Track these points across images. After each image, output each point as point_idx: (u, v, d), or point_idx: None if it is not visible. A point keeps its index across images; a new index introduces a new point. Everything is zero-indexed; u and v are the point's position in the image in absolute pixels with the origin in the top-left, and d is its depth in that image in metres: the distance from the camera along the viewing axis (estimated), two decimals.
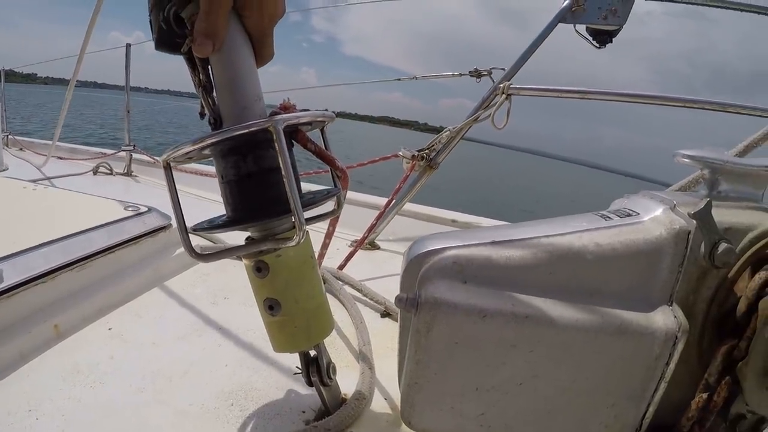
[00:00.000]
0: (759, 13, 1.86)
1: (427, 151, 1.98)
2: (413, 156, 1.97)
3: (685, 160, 0.88)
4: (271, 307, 0.84)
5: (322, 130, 0.88)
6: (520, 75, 1.95)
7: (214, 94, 0.79)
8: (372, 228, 2.01)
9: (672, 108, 1.76)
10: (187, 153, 0.77)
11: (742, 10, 1.89)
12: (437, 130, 2.04)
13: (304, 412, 1.01)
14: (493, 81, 2.01)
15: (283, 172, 0.69)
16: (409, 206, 2.24)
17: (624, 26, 1.90)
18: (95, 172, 3.36)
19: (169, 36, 0.76)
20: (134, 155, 3.52)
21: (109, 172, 3.37)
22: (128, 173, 3.43)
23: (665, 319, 0.75)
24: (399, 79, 3.13)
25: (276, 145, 0.69)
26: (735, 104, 1.65)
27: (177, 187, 0.79)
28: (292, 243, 0.75)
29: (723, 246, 0.75)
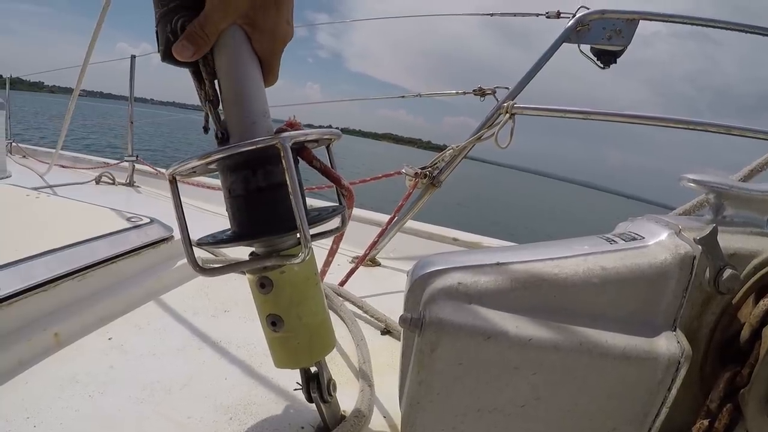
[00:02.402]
0: (763, 35, 1.87)
1: (430, 169, 1.99)
2: (416, 173, 1.97)
3: (691, 184, 0.87)
4: (273, 323, 0.84)
5: (328, 148, 0.88)
6: (523, 94, 1.95)
7: (220, 108, 0.79)
8: (374, 245, 2.01)
9: (675, 129, 1.77)
10: (194, 167, 0.77)
11: (746, 32, 1.90)
12: (440, 148, 2.04)
13: (303, 428, 1.00)
14: (497, 100, 2.01)
15: (290, 189, 0.69)
16: (410, 223, 2.24)
17: (628, 47, 1.91)
18: (98, 181, 3.37)
19: None
20: (137, 166, 3.53)
21: (111, 182, 3.38)
22: (130, 183, 3.44)
23: (668, 344, 0.74)
24: (403, 96, 3.14)
25: (283, 161, 0.69)
26: (740, 127, 1.65)
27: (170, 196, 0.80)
28: (297, 260, 0.75)
29: (728, 272, 0.75)
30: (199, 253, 1.75)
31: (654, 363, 0.74)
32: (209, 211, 2.74)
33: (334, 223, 0.89)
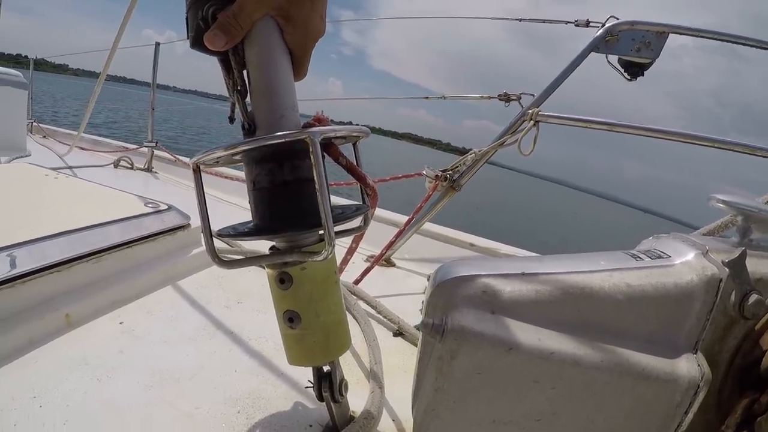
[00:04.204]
0: None
1: (450, 171, 1.98)
2: (437, 176, 1.97)
3: (720, 204, 0.86)
4: (291, 319, 0.83)
5: (354, 145, 0.87)
6: (547, 102, 1.95)
7: (248, 99, 0.78)
8: (390, 245, 2.01)
9: (697, 146, 1.76)
10: (219, 157, 0.76)
11: None
12: (459, 151, 2.04)
13: (311, 426, 1.00)
14: (522, 106, 2.01)
15: (317, 185, 0.68)
16: (427, 226, 2.24)
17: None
18: (116, 165, 3.39)
19: None
20: (156, 152, 3.54)
21: (129, 166, 3.40)
22: (148, 169, 3.46)
23: (689, 367, 0.73)
24: (427, 98, 3.13)
25: (312, 156, 0.68)
26: (764, 147, 1.64)
27: (192, 185, 0.79)
28: (320, 257, 0.74)
29: (754, 297, 0.74)
30: (216, 243, 1.75)
31: (674, 385, 0.73)
32: (225, 200, 2.74)
33: (355, 221, 0.88)
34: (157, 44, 3.61)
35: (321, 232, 0.74)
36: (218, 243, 1.78)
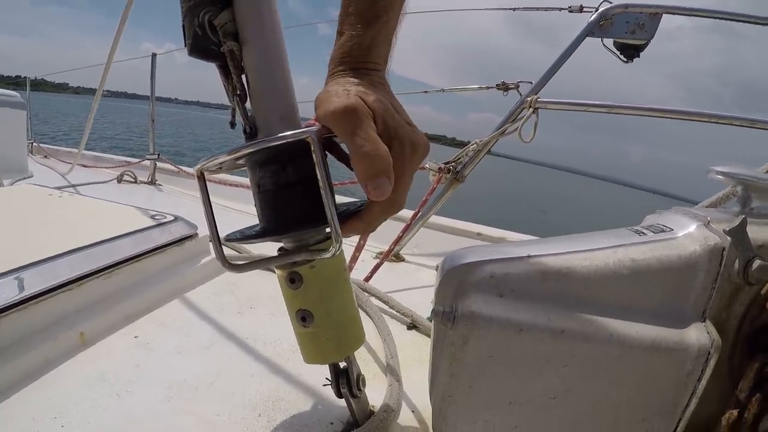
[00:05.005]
0: None
1: (453, 163, 1.99)
2: (440, 168, 1.98)
3: (719, 176, 0.88)
4: (303, 318, 0.84)
5: None
6: (547, 89, 1.95)
7: (248, 103, 0.79)
8: (398, 240, 2.02)
9: (698, 124, 1.76)
10: (222, 162, 0.77)
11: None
12: (465, 144, 2.04)
13: (332, 423, 1.01)
14: (521, 94, 2.02)
15: (320, 183, 0.69)
16: (434, 219, 2.24)
17: (651, 41, 1.90)
18: (119, 180, 3.39)
19: (204, 42, 0.75)
20: (158, 164, 3.55)
21: (133, 180, 3.40)
22: (152, 182, 3.47)
23: (698, 335, 0.75)
24: (426, 92, 3.15)
25: (313, 155, 0.69)
26: (764, 120, 1.64)
27: (196, 194, 0.80)
28: (328, 255, 0.75)
29: (757, 263, 0.75)
30: (225, 250, 1.76)
31: (684, 354, 0.74)
32: (229, 207, 2.75)
33: None
34: (154, 55, 3.62)
35: (328, 230, 0.75)
36: (227, 250, 1.79)
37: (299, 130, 0.70)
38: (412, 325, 1.46)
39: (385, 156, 0.68)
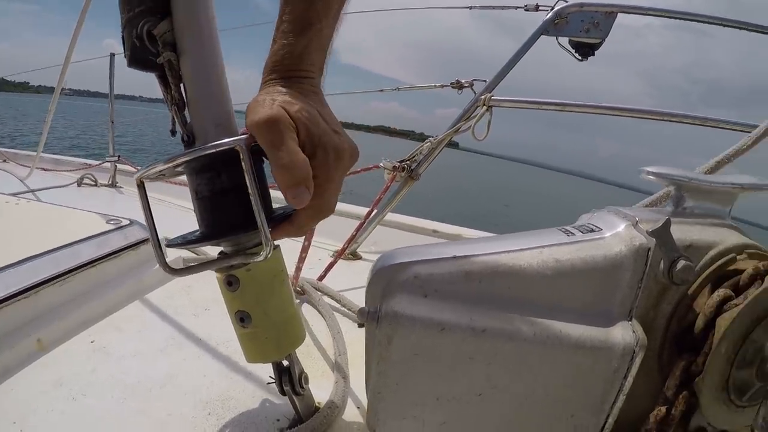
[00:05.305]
0: (755, 31, 1.89)
1: (408, 162, 2.00)
2: (394, 167, 1.99)
3: (651, 177, 0.89)
4: (242, 319, 0.87)
5: None
6: (512, 87, 1.97)
7: (186, 111, 0.82)
8: (352, 239, 2.03)
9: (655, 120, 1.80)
10: (160, 171, 0.79)
11: (725, 26, 1.93)
12: None
13: (278, 420, 1.04)
14: (474, 93, 2.04)
15: (249, 191, 0.72)
16: (391, 216, 2.26)
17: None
18: (80, 183, 3.35)
19: (143, 53, 0.78)
20: (119, 166, 3.53)
21: (93, 183, 3.36)
22: (113, 184, 3.43)
23: (624, 333, 0.77)
24: (381, 90, 3.16)
25: (242, 164, 0.72)
26: (713, 119, 1.69)
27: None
28: (260, 258, 0.78)
29: (681, 263, 0.77)
30: (183, 252, 1.79)
31: (609, 352, 0.77)
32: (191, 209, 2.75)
33: None
34: (112, 55, 3.57)
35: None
36: (186, 252, 1.80)
37: (229, 140, 0.73)
38: (363, 323, 1.48)
39: (302, 166, 0.71)
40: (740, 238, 0.85)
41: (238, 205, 0.78)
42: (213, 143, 0.73)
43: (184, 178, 0.85)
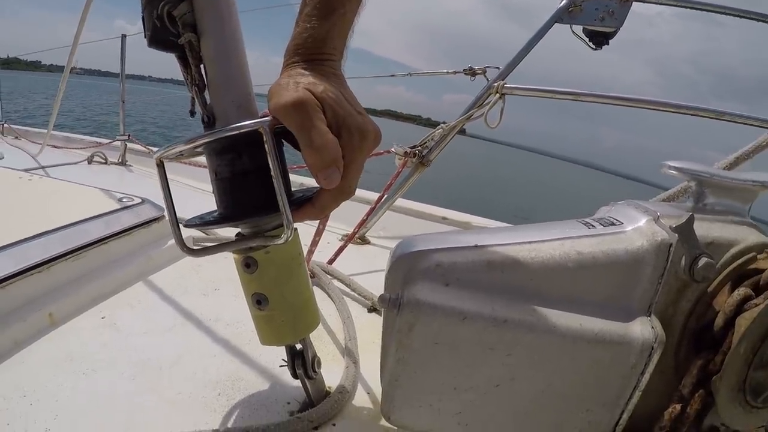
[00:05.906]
0: (758, 20, 1.88)
1: (419, 147, 1.99)
2: (405, 152, 1.98)
3: (672, 171, 0.88)
4: (258, 301, 0.87)
5: None
6: (520, 73, 1.96)
7: (206, 93, 0.81)
8: (362, 223, 2.03)
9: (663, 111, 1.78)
10: (181, 151, 0.79)
11: (740, 17, 1.91)
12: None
13: (288, 403, 1.03)
14: (487, 80, 2.02)
15: (272, 173, 0.71)
16: (400, 202, 2.25)
17: (626, 27, 1.91)
18: (90, 161, 3.35)
19: (164, 33, 0.77)
20: (129, 144, 3.53)
21: (103, 161, 3.37)
22: (122, 163, 3.44)
23: (643, 329, 0.76)
24: (393, 75, 3.15)
25: (266, 146, 0.71)
26: (730, 113, 1.67)
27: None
28: (281, 241, 0.77)
29: (703, 260, 0.76)
30: (192, 232, 1.78)
31: (627, 347, 0.76)
32: (204, 190, 2.74)
33: None
34: (124, 36, 3.57)
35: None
36: (196, 232, 1.80)
37: (253, 121, 0.72)
38: (373, 308, 1.49)
39: (332, 147, 0.70)
40: (759, 236, 0.84)
41: (260, 186, 0.77)
42: (236, 125, 0.72)
43: (195, 158, 0.84)
